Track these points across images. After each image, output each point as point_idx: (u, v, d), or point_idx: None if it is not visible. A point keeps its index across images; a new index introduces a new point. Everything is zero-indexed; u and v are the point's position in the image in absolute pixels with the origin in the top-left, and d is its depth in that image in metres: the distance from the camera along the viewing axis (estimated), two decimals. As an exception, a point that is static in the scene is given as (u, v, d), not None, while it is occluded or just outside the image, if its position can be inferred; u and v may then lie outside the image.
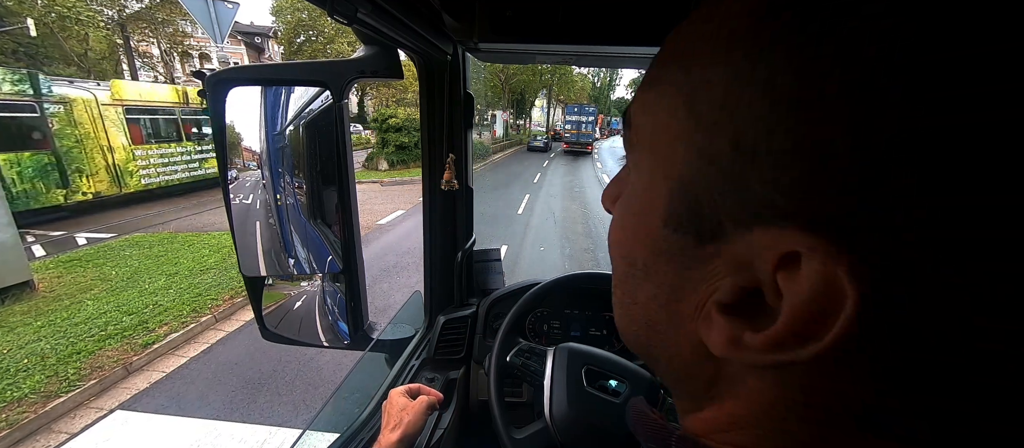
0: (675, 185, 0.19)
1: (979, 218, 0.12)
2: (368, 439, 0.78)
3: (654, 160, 0.21)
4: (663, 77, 0.20)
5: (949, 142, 0.12)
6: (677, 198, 0.19)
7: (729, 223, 0.17)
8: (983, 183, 0.12)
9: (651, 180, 0.21)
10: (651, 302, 0.22)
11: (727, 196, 0.16)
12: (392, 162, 12.73)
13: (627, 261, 0.23)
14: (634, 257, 0.22)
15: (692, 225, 0.18)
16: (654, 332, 0.22)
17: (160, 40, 22.78)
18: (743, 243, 0.16)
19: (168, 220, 7.20)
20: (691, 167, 0.18)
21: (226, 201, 0.79)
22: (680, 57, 0.19)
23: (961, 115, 0.12)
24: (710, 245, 0.18)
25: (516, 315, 0.86)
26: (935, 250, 0.12)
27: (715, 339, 0.18)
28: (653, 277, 0.21)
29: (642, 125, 0.22)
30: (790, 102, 0.14)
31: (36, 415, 2.62)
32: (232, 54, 26.94)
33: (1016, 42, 0.11)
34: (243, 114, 0.77)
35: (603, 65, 0.95)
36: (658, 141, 0.20)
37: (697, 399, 0.22)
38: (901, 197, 0.12)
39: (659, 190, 0.20)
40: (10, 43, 18.22)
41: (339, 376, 3.09)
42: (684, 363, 0.21)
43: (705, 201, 0.17)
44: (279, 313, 0.98)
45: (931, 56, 0.12)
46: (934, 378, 0.14)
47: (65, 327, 3.50)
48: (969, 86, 0.12)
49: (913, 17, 0.12)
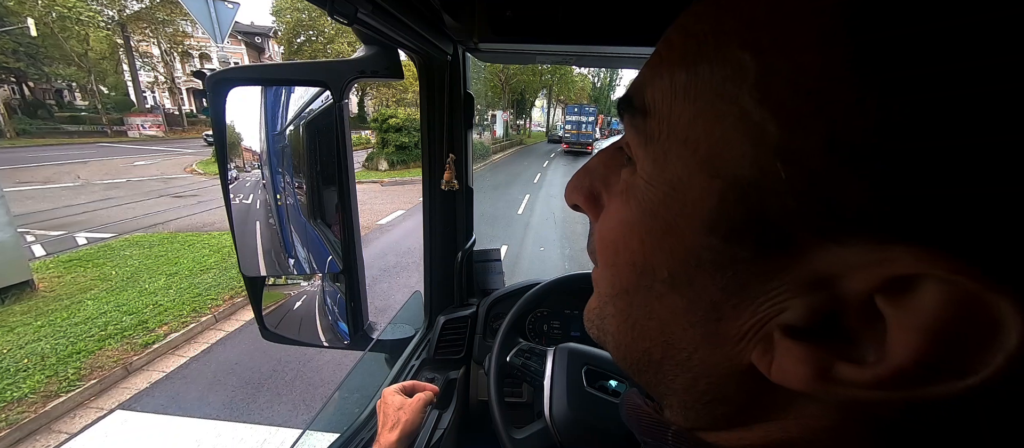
0: (728, 186, 0.15)
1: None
2: (368, 439, 0.78)
3: (692, 155, 0.17)
4: (708, 55, 0.16)
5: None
6: (732, 201, 0.15)
7: (805, 234, 0.14)
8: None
9: (686, 178, 0.17)
10: (677, 319, 0.19)
11: (809, 203, 0.13)
12: (392, 162, 12.73)
13: (638, 270, 0.20)
14: (652, 266, 0.19)
15: (752, 234, 0.15)
16: (674, 351, 0.20)
17: (160, 40, 22.80)
18: (827, 258, 0.14)
19: (168, 220, 7.20)
20: (758, 166, 0.14)
21: (226, 201, 0.79)
22: (743, 31, 0.15)
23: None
24: (774, 258, 0.15)
25: (516, 315, 0.85)
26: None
27: (791, 369, 0.15)
28: (684, 291, 0.18)
29: (671, 114, 0.18)
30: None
31: (36, 415, 2.62)
32: (232, 54, 26.95)
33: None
34: (243, 114, 0.77)
35: (603, 65, 0.95)
36: (700, 133, 0.16)
37: (718, 420, 0.20)
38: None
39: (701, 190, 0.16)
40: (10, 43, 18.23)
41: (339, 376, 3.09)
42: (712, 387, 0.19)
43: (774, 207, 0.14)
44: (279, 313, 0.98)
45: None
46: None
47: (65, 327, 3.50)
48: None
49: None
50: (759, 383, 0.17)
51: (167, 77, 25.21)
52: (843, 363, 0.14)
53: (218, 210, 7.48)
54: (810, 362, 0.15)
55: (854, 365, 0.14)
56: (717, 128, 0.16)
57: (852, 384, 0.14)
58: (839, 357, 0.14)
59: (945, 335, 0.12)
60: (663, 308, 0.20)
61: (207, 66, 22.72)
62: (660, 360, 0.21)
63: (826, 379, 0.14)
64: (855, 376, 0.14)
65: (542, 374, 0.71)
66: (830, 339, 0.15)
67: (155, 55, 24.44)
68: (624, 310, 0.22)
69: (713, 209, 0.16)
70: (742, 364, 0.17)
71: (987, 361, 0.12)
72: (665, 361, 0.20)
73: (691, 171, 0.17)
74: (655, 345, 0.21)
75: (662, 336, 0.20)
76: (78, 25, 18.25)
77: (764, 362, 0.16)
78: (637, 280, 0.20)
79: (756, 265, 0.16)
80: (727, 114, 0.15)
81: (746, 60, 0.15)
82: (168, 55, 24.13)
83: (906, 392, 0.13)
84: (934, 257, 0.12)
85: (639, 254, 0.20)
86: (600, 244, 0.23)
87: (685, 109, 0.17)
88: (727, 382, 0.18)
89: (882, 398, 0.14)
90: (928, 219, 0.12)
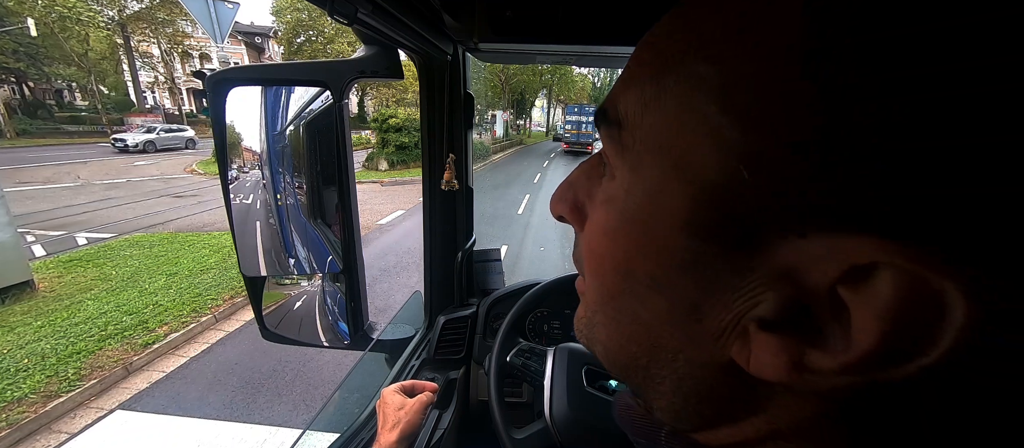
0: (698, 190, 0.16)
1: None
2: (368, 439, 0.78)
3: (665, 162, 0.18)
4: (673, 68, 0.18)
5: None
6: (703, 204, 0.16)
7: (771, 230, 0.15)
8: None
9: (661, 184, 0.18)
10: (661, 321, 0.20)
11: (772, 201, 0.15)
12: (392, 162, 12.73)
13: (622, 275, 0.21)
14: (635, 271, 0.20)
15: (723, 233, 0.16)
16: (660, 353, 0.20)
17: (160, 40, 22.81)
18: (791, 252, 0.15)
19: (169, 220, 7.20)
20: (724, 170, 0.15)
21: (226, 201, 0.79)
22: (704, 46, 0.17)
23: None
24: (745, 255, 0.16)
25: (516, 315, 0.85)
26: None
27: (768, 361, 0.16)
28: (666, 293, 0.19)
29: (643, 124, 0.19)
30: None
31: (36, 415, 2.62)
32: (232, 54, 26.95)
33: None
34: (243, 114, 0.77)
35: (603, 65, 0.95)
36: (670, 141, 0.17)
37: (707, 419, 0.20)
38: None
39: (675, 195, 0.17)
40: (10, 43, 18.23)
41: (339, 376, 3.10)
42: (698, 387, 0.20)
43: (740, 207, 0.15)
44: (279, 313, 0.98)
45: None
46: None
47: (65, 327, 3.50)
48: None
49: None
50: (741, 379, 0.18)
51: (167, 77, 25.22)
52: (814, 352, 0.15)
53: (218, 210, 7.49)
54: (784, 353, 0.15)
55: (824, 353, 0.15)
56: (685, 135, 0.17)
57: (823, 372, 0.15)
58: (811, 346, 0.15)
59: (901, 319, 0.13)
60: (647, 311, 0.20)
61: (207, 66, 22.72)
62: (647, 364, 0.21)
63: (800, 369, 0.15)
64: (826, 364, 0.15)
65: (542, 374, 0.71)
66: (802, 330, 0.15)
67: (155, 55, 24.45)
68: (612, 316, 0.22)
69: (686, 212, 0.17)
70: (724, 361, 0.18)
71: (938, 341, 0.13)
72: (652, 364, 0.21)
73: (665, 177, 0.18)
74: (642, 349, 0.21)
75: (648, 339, 0.21)
76: (78, 25, 18.26)
77: (743, 357, 0.17)
78: (622, 285, 0.21)
79: (729, 262, 0.16)
80: (693, 122, 0.16)
81: (708, 72, 0.16)
82: (168, 55, 24.14)
83: (871, 375, 0.14)
84: (887, 247, 0.13)
85: (622, 260, 0.21)
86: (587, 253, 0.24)
87: (655, 119, 0.18)
88: (711, 380, 0.19)
89: (851, 383, 0.15)
90: (879, 211, 0.13)
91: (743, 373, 0.17)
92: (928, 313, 0.13)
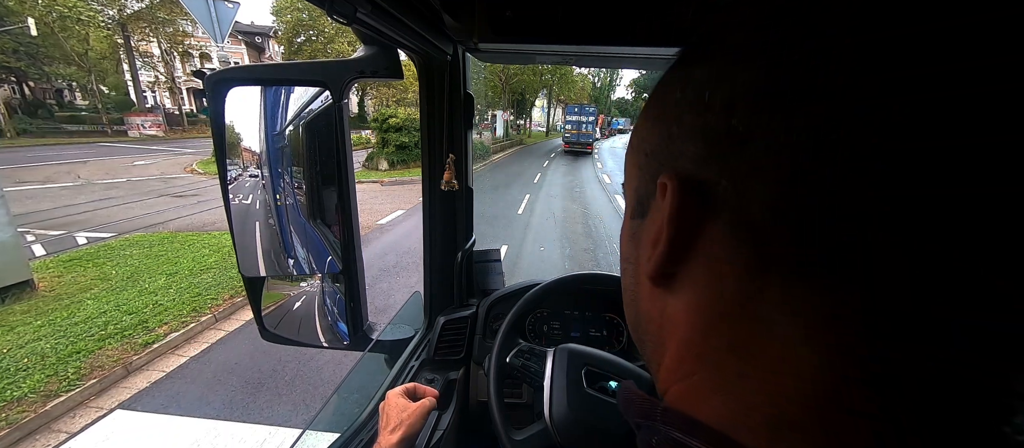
0: (646, 160, 0.25)
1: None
2: (368, 439, 0.78)
3: (629, 185, 0.28)
4: (665, 117, 0.25)
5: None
6: (646, 170, 0.25)
7: (664, 175, 0.22)
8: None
9: (635, 173, 0.27)
10: (630, 282, 0.26)
11: (666, 160, 0.23)
12: (392, 162, 12.73)
13: (622, 257, 0.28)
14: (625, 254, 0.28)
15: (650, 189, 0.24)
16: (638, 313, 0.26)
17: (160, 40, 22.79)
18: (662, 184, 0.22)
19: (168, 220, 7.20)
20: (661, 145, 0.24)
21: (226, 201, 0.79)
22: (639, 144, 0.26)
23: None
24: (654, 200, 0.23)
25: (516, 316, 0.85)
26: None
27: (651, 271, 0.23)
28: (630, 255, 0.27)
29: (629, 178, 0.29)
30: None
31: (36, 414, 2.62)
32: (232, 54, 26.94)
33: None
34: (243, 114, 0.77)
35: (603, 65, 0.94)
36: (629, 174, 0.27)
37: (672, 373, 0.23)
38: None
39: (635, 169, 0.26)
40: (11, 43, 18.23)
41: (339, 376, 3.10)
42: (655, 337, 0.24)
43: (656, 166, 0.24)
44: (279, 313, 0.98)
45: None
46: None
47: (65, 326, 3.50)
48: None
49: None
50: (668, 316, 0.23)
51: (167, 77, 25.23)
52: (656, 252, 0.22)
53: (218, 210, 7.48)
54: (653, 259, 0.22)
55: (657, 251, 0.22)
56: (654, 136, 0.25)
57: (660, 265, 0.22)
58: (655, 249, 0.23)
59: (664, 214, 0.21)
60: (626, 276, 0.27)
61: (207, 66, 22.71)
62: (636, 322, 0.27)
63: (655, 267, 0.23)
64: (659, 258, 0.22)
65: (542, 375, 0.71)
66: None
67: (155, 55, 24.44)
68: (623, 290, 0.29)
69: (638, 181, 0.25)
70: (659, 302, 0.23)
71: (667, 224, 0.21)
72: (638, 326, 0.26)
73: (639, 166, 0.26)
74: (631, 309, 0.27)
75: (634, 303, 0.26)
76: (78, 25, 18.24)
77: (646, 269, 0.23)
78: (623, 267, 0.28)
79: (647, 208, 0.24)
80: (662, 131, 0.24)
81: (682, 114, 0.23)
82: (168, 55, 24.14)
83: (666, 260, 0.22)
84: (666, 174, 0.21)
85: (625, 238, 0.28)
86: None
87: (649, 133, 0.26)
88: (657, 325, 0.24)
89: (667, 270, 0.22)
90: (670, 158, 0.22)
91: (655, 293, 0.23)
92: (664, 203, 0.21)
